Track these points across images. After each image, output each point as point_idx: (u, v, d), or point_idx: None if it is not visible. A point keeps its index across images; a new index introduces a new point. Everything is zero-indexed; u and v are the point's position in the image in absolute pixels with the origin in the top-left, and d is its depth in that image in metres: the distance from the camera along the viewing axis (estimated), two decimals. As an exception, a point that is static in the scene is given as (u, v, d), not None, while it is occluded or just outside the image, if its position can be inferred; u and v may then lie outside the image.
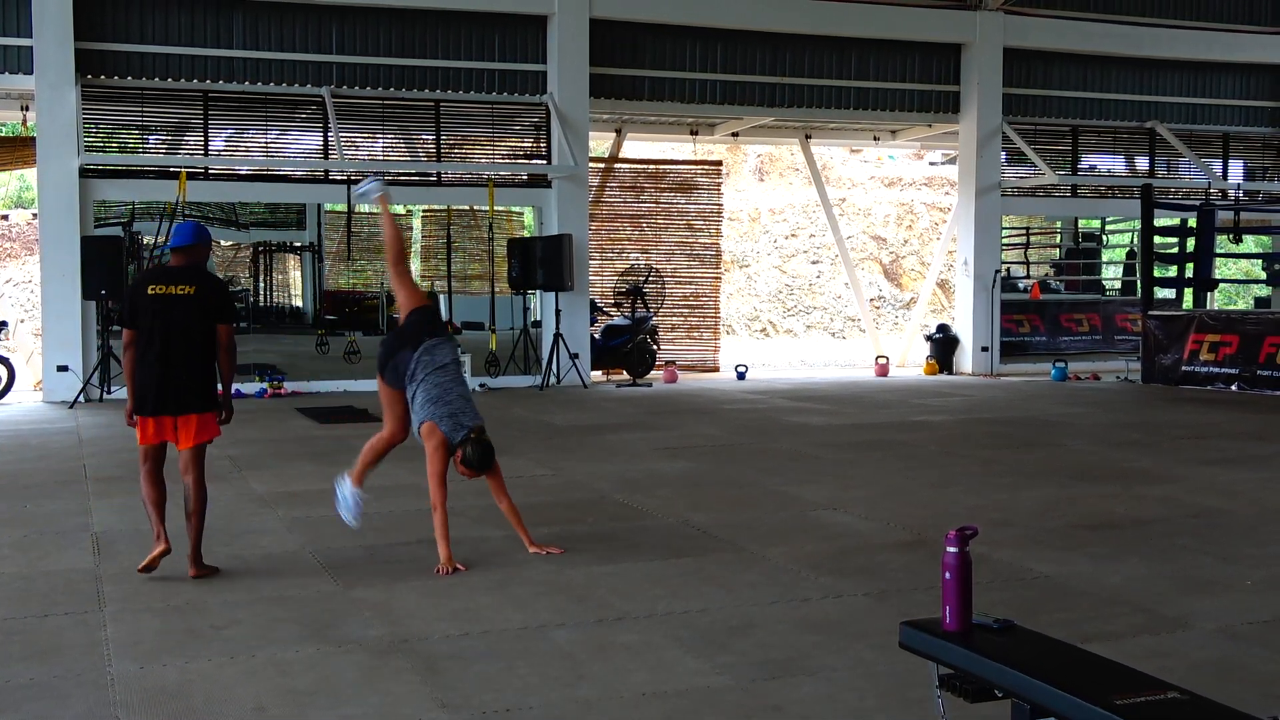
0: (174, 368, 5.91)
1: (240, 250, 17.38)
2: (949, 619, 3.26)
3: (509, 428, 11.79)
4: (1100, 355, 19.88)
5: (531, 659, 4.68)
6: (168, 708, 4.18)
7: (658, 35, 17.33)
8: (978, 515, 7.34)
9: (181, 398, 5.94)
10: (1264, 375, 15.32)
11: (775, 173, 36.85)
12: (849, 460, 9.75)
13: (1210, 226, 17.47)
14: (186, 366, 5.93)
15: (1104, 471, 9.14)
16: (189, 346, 5.93)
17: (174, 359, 5.90)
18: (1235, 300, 27.14)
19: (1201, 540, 6.76)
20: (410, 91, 16.22)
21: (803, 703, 4.20)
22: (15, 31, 14.59)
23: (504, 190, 16.76)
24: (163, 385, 5.90)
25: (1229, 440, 10.93)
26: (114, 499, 8.05)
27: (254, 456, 9.95)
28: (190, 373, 5.95)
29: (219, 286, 6.29)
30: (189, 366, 5.94)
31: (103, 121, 15.37)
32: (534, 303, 17.16)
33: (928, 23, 18.34)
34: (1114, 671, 3.02)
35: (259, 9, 15.54)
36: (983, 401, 14.48)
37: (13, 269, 28.72)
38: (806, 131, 20.68)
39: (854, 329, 30.75)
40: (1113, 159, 20.93)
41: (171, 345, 5.90)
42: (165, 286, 5.99)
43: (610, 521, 7.31)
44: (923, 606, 5.20)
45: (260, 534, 6.98)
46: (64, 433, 11.65)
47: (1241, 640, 4.92)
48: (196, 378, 5.97)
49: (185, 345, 5.92)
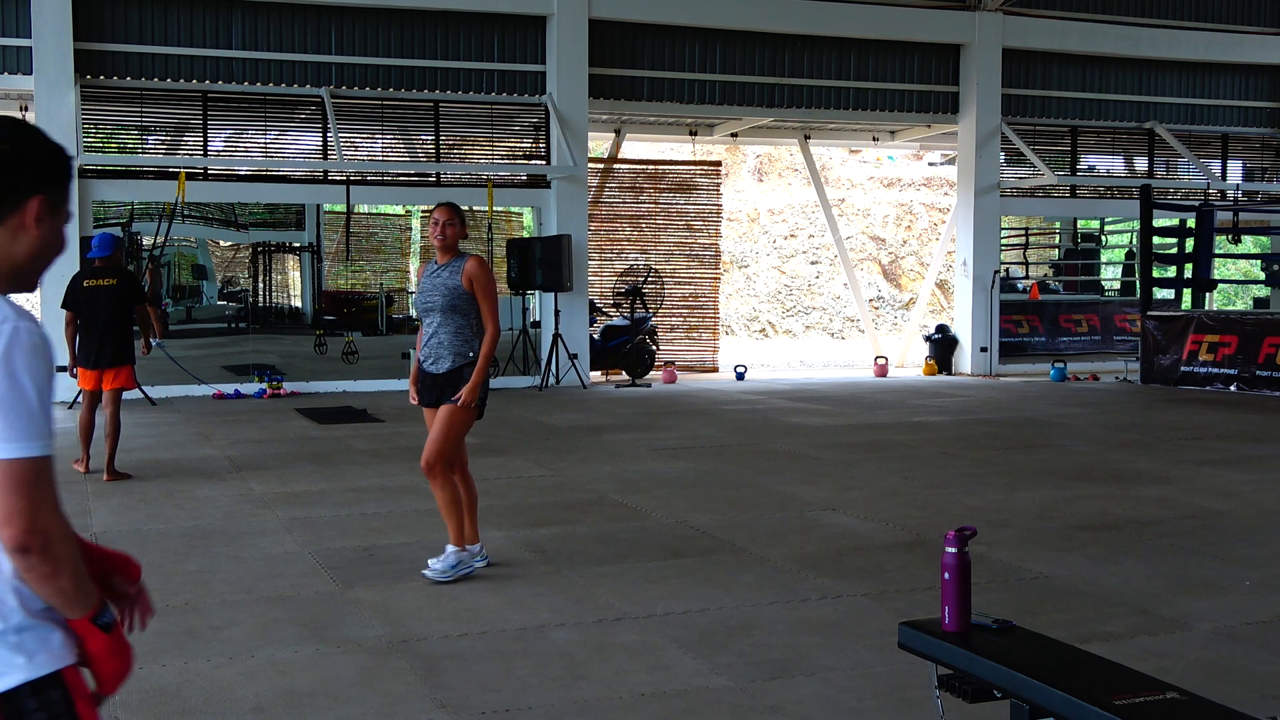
0: (104, 337, 8.74)
1: (239, 251, 17.37)
2: (948, 619, 3.26)
3: (508, 428, 11.79)
4: (1099, 356, 19.90)
5: (531, 659, 4.68)
6: (167, 708, 4.18)
7: (657, 36, 17.33)
8: (976, 516, 7.34)
9: (108, 356, 8.77)
10: (1263, 376, 15.33)
11: (774, 173, 36.86)
12: (848, 461, 9.76)
13: (1209, 227, 17.48)
14: (112, 335, 8.76)
15: (1102, 472, 9.15)
16: (112, 321, 8.76)
17: (104, 330, 8.73)
18: (1234, 301, 27.17)
19: (1199, 541, 6.76)
20: (409, 92, 16.22)
21: (801, 703, 4.20)
22: (14, 32, 14.59)
23: (503, 191, 16.77)
24: (100, 348, 8.75)
25: (1227, 441, 10.93)
26: (113, 499, 8.05)
27: (253, 457, 9.96)
28: (115, 339, 8.78)
29: (132, 279, 9.08)
30: (114, 335, 8.77)
31: (102, 122, 15.38)
32: (533, 303, 17.17)
33: (927, 23, 18.35)
34: (1112, 672, 3.03)
35: (258, 9, 15.54)
36: (981, 402, 14.49)
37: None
38: (805, 132, 20.69)
39: (853, 329, 30.76)
40: (1112, 159, 20.94)
41: (100, 321, 8.74)
42: (95, 280, 8.79)
43: (609, 522, 7.31)
44: (921, 607, 5.21)
45: (260, 534, 6.98)
46: (63, 433, 11.63)
47: (1239, 641, 4.92)
48: (119, 342, 8.81)
49: (109, 320, 8.76)
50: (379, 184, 16.44)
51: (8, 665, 1.87)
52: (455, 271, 5.84)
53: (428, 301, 5.91)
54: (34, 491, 1.81)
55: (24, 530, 1.81)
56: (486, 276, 5.90)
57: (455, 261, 5.87)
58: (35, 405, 1.82)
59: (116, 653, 1.98)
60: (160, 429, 11.90)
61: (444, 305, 5.85)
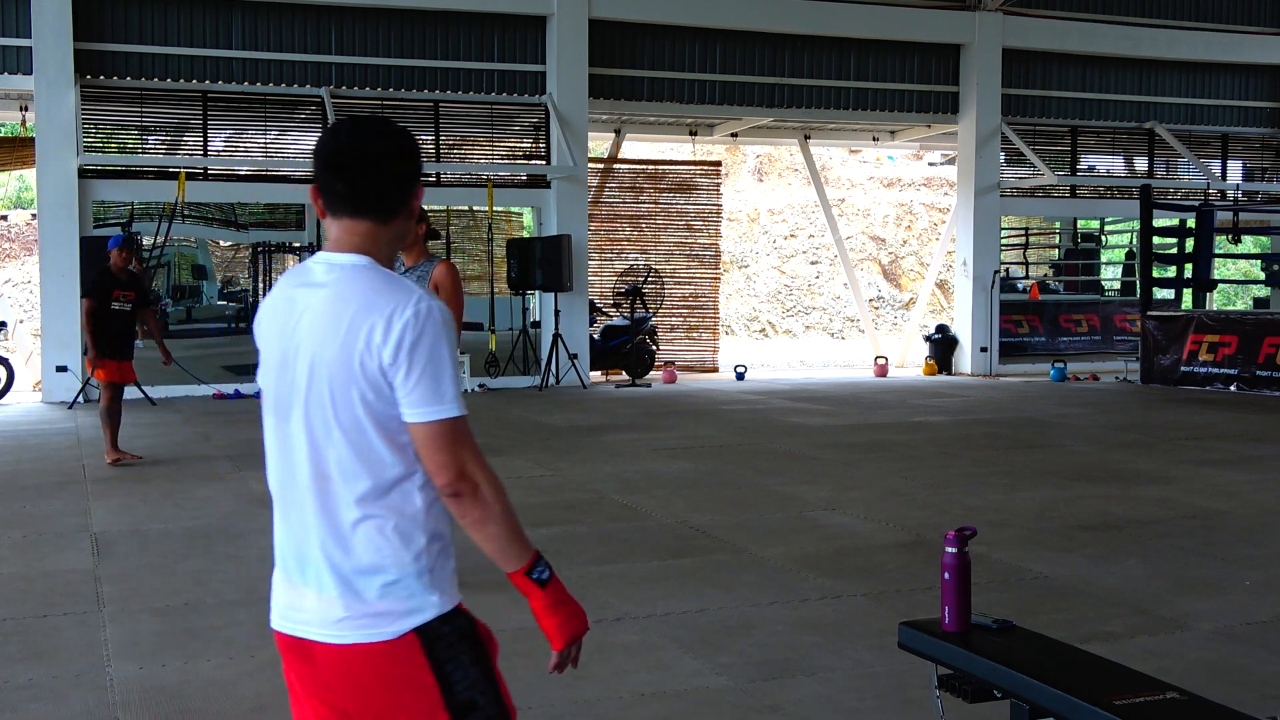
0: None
1: (239, 251, 17.37)
2: (948, 619, 3.26)
3: (508, 428, 11.79)
4: (1099, 356, 19.89)
5: (531, 659, 4.67)
6: (167, 708, 4.18)
7: (657, 36, 17.33)
8: (976, 516, 7.34)
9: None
10: (1263, 376, 15.33)
11: (774, 173, 36.86)
12: (848, 461, 9.76)
13: (1209, 227, 17.48)
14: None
15: (1102, 472, 9.15)
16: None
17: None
18: (1234, 301, 27.17)
19: (1199, 541, 6.76)
20: (409, 92, 16.22)
21: (801, 703, 4.20)
22: (14, 32, 14.59)
23: (503, 191, 16.76)
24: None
25: (1227, 441, 10.93)
26: (113, 500, 8.05)
27: (253, 457, 9.93)
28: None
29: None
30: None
31: (102, 122, 15.37)
32: (533, 303, 17.16)
33: (927, 23, 18.35)
34: (1112, 672, 3.03)
35: (258, 9, 15.54)
36: (981, 402, 14.49)
37: (12, 269, 28.72)
38: (805, 132, 20.68)
39: (853, 329, 30.76)
40: (1112, 159, 20.94)
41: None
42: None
43: (609, 522, 7.31)
44: (921, 607, 5.21)
45: (260, 534, 6.97)
46: (63, 433, 11.65)
47: (1239, 641, 4.92)
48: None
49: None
50: (379, 184, 16.40)
51: (423, 602, 2.10)
52: (424, 277, 5.67)
53: None
54: (460, 446, 2.07)
55: (454, 478, 2.06)
56: (454, 284, 5.82)
57: (424, 265, 5.71)
58: (452, 372, 2.07)
59: (554, 607, 2.16)
60: (160, 429, 11.89)
61: None
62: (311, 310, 2.11)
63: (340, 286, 2.10)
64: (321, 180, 2.15)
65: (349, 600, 2.08)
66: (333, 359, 2.06)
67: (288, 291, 2.18)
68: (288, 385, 2.13)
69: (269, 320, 2.20)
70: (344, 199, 2.14)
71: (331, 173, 2.13)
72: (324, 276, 2.13)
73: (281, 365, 2.15)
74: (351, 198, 2.13)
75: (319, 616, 2.10)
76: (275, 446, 2.18)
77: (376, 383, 2.05)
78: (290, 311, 2.15)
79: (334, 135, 2.17)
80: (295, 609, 2.14)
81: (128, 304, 9.40)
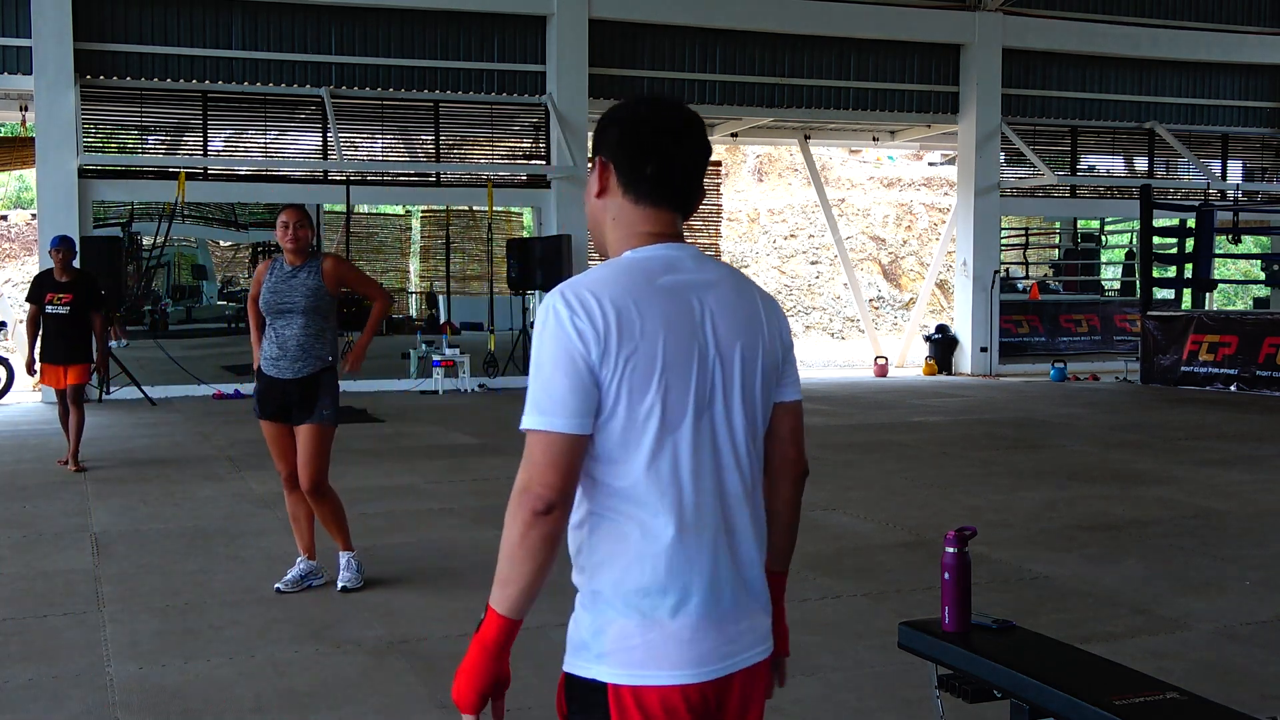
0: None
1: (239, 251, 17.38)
2: (948, 619, 3.26)
3: (508, 428, 11.78)
4: (1099, 356, 19.89)
5: (531, 659, 4.67)
6: (166, 708, 4.18)
7: (657, 35, 17.33)
8: (976, 516, 7.34)
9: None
10: (1263, 376, 15.33)
11: (774, 173, 36.86)
12: (848, 461, 9.75)
13: (1209, 227, 17.48)
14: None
15: (1102, 472, 9.14)
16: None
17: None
18: (1234, 301, 27.17)
19: (1199, 541, 6.76)
20: (409, 92, 16.21)
21: (801, 703, 4.20)
22: (14, 32, 14.58)
23: (503, 191, 16.76)
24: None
25: (1227, 441, 10.93)
26: (112, 500, 8.05)
27: (253, 457, 9.94)
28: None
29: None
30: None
31: (101, 122, 15.37)
32: (533, 303, 17.16)
33: (927, 23, 18.35)
34: (1112, 672, 3.03)
35: (258, 9, 15.54)
36: (981, 402, 14.49)
37: (12, 269, 28.72)
38: (805, 132, 20.68)
39: (853, 329, 30.76)
40: (1112, 159, 20.94)
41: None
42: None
43: (609, 522, 7.29)
44: (921, 607, 5.21)
45: (259, 534, 6.98)
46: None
47: (1239, 641, 4.92)
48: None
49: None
50: (379, 184, 16.43)
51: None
52: (314, 272, 5.55)
53: (285, 303, 5.56)
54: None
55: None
56: (351, 268, 5.83)
57: (311, 263, 5.60)
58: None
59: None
60: (160, 429, 11.89)
61: (307, 306, 5.54)
62: (717, 307, 1.90)
63: (736, 278, 1.98)
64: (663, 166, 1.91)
65: (766, 611, 1.96)
66: (756, 355, 1.94)
67: (664, 288, 1.88)
68: (706, 386, 1.89)
69: (638, 320, 1.83)
70: (681, 192, 1.95)
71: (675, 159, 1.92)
72: (712, 271, 1.94)
73: (700, 365, 1.88)
74: (686, 192, 1.96)
75: (752, 638, 1.92)
76: (688, 454, 1.87)
77: (779, 366, 2.00)
78: (685, 310, 1.87)
79: (673, 114, 1.94)
80: (728, 642, 1.88)
81: (63, 306, 9.13)
